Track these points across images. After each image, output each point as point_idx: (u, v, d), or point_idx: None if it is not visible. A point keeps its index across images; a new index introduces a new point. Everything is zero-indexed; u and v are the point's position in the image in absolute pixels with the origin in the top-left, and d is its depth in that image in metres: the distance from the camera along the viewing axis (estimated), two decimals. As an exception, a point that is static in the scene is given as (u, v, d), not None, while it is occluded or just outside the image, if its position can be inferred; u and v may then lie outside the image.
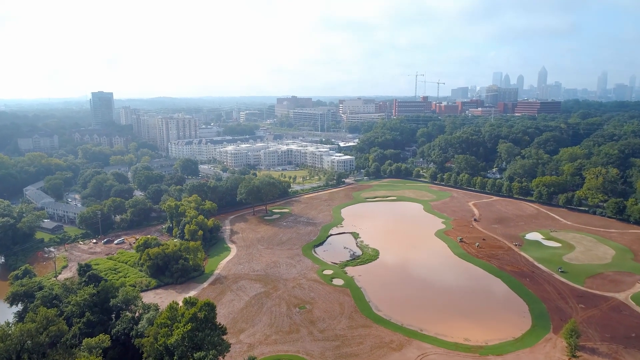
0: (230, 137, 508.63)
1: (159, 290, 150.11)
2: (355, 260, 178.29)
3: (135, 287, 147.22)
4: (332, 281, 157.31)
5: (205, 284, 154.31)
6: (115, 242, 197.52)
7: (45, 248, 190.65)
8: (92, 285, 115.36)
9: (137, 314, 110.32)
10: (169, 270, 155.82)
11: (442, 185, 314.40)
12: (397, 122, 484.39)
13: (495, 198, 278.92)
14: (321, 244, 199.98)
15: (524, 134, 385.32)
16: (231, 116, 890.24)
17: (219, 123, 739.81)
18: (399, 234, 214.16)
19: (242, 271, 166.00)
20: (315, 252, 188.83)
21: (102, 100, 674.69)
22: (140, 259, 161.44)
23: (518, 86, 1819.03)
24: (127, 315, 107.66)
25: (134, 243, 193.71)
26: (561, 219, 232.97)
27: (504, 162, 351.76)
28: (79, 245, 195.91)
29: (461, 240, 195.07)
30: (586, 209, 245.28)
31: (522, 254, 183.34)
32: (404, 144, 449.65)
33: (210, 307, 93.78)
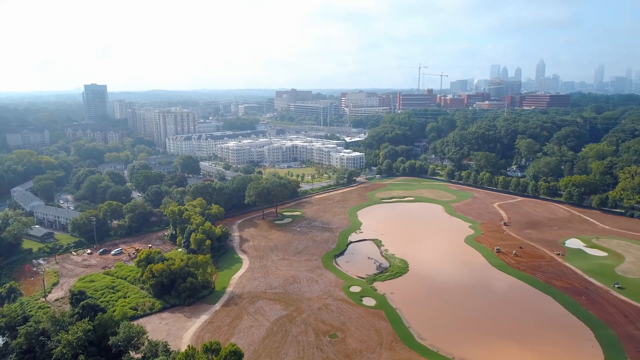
0: (231, 132, 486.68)
1: (164, 314, 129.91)
2: (383, 273, 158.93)
3: (137, 309, 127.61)
4: (362, 300, 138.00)
5: (218, 306, 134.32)
6: (113, 252, 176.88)
7: (34, 260, 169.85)
8: (87, 319, 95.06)
9: (142, 355, 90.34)
10: (176, 289, 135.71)
11: (461, 184, 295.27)
12: (405, 116, 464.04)
13: (520, 199, 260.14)
14: (342, 253, 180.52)
15: (541, 129, 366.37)
16: (229, 110, 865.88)
17: (217, 117, 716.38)
18: (424, 240, 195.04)
19: (258, 288, 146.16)
20: (337, 264, 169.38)
21: (96, 94, 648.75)
22: (142, 275, 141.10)
23: (516, 79, 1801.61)
24: (131, 359, 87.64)
25: (133, 254, 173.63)
26: (597, 223, 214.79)
27: (523, 159, 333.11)
28: (72, 257, 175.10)
29: (498, 251, 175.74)
30: (622, 211, 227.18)
31: (568, 265, 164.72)
32: (413, 139, 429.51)
33: (238, 357, 73.92)
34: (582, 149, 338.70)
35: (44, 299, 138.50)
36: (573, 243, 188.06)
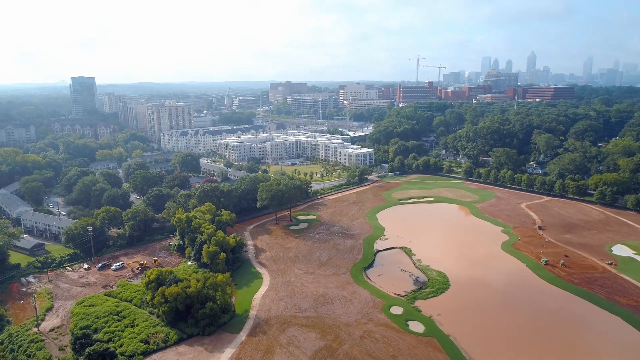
0: (229, 127, 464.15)
1: (182, 348, 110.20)
2: (423, 289, 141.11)
3: (149, 342, 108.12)
4: (408, 325, 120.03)
5: (243, 335, 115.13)
6: (113, 267, 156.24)
7: (23, 278, 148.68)
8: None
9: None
10: (193, 315, 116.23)
11: (480, 182, 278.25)
12: (411, 110, 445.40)
13: (546, 198, 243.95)
14: (371, 264, 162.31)
15: (557, 123, 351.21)
16: (223, 103, 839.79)
17: (211, 110, 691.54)
18: (457, 248, 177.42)
19: (286, 311, 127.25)
20: (368, 277, 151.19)
21: (84, 86, 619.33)
22: (152, 298, 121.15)
23: (507, 71, 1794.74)
24: None
25: (137, 269, 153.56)
26: (638, 226, 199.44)
27: (541, 155, 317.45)
28: (67, 273, 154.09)
29: (547, 263, 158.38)
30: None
31: (625, 277, 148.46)
32: (420, 134, 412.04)
33: None
34: (602, 145, 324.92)
35: (36, 329, 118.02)
36: (621, 250, 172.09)
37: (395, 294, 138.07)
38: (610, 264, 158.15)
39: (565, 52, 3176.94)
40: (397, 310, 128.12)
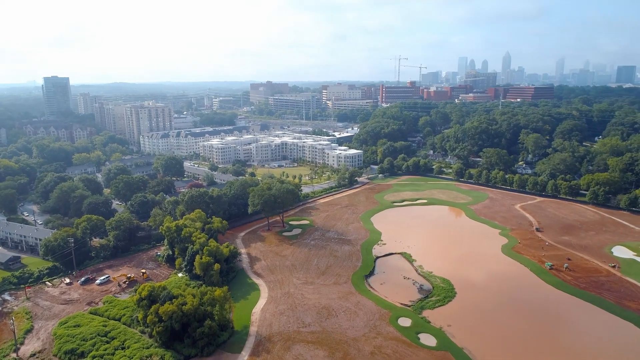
0: (211, 129, 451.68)
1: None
2: (429, 298, 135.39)
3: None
4: (419, 338, 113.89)
5: (245, 355, 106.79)
6: (98, 281, 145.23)
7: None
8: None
9: None
10: (190, 335, 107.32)
11: (471, 183, 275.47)
12: (397, 110, 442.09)
13: (539, 199, 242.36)
14: (372, 272, 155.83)
15: (543, 122, 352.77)
16: (202, 103, 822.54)
17: (191, 111, 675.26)
18: (458, 252, 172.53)
19: (289, 326, 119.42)
20: (371, 286, 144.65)
21: (57, 87, 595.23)
22: (144, 317, 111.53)
23: (483, 71, 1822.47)
24: None
25: (124, 283, 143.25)
26: (632, 226, 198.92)
27: (529, 155, 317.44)
28: (47, 289, 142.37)
29: (552, 268, 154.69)
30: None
31: (631, 280, 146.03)
32: (407, 134, 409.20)
33: None
34: (588, 144, 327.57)
35: (15, 355, 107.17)
36: (621, 252, 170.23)
37: (402, 304, 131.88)
38: (614, 266, 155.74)
39: (538, 53, 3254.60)
40: (405, 321, 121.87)
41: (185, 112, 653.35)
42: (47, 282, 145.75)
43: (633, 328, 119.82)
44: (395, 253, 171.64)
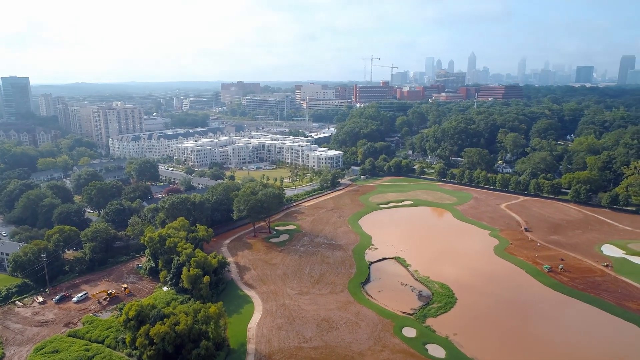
0: (184, 130, 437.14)
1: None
2: (430, 305, 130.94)
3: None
4: (427, 350, 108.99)
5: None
6: (75, 299, 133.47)
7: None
8: None
9: None
10: (184, 358, 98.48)
11: (454, 183, 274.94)
12: (374, 110, 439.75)
13: (523, 198, 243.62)
14: (368, 279, 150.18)
15: (519, 122, 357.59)
16: (172, 104, 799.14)
17: (160, 112, 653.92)
18: (451, 255, 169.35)
19: (288, 341, 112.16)
20: (369, 294, 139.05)
21: (16, 87, 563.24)
22: (132, 340, 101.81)
23: (450, 70, 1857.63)
24: None
25: (104, 299, 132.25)
26: (615, 223, 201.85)
27: (508, 154, 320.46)
28: (17, 309, 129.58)
29: (550, 270, 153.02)
30: (633, 209, 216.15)
31: (625, 279, 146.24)
32: (384, 134, 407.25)
33: None
34: (562, 142, 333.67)
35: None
36: (611, 250, 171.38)
37: (403, 313, 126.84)
38: (607, 265, 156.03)
39: (501, 53, 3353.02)
40: (410, 332, 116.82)
41: (155, 114, 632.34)
42: (16, 302, 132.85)
43: (633, 328, 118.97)
44: (388, 258, 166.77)
